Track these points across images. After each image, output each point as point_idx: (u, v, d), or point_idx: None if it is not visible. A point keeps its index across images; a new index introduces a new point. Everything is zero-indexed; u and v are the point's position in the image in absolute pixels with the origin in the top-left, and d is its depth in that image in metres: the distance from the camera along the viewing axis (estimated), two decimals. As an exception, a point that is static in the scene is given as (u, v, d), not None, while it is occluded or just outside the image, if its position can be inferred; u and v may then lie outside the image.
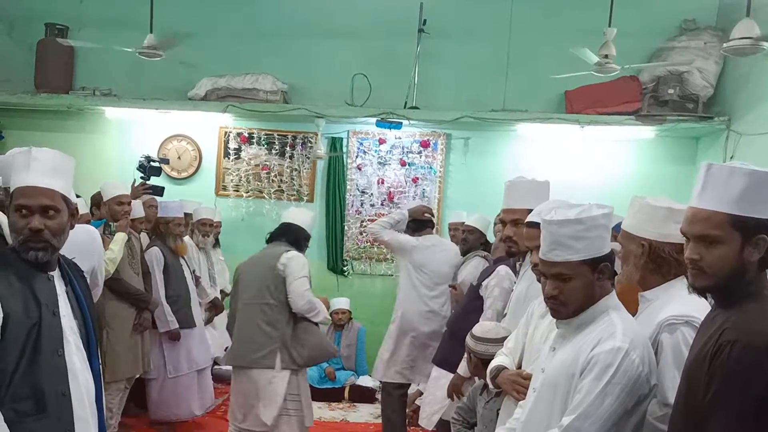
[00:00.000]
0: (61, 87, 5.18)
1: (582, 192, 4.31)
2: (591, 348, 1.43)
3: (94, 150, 5.36)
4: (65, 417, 1.48)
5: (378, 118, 4.88)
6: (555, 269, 1.48)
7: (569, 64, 4.03)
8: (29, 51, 5.19)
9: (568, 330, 1.53)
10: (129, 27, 4.71)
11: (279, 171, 5.37)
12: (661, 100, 4.74)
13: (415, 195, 5.24)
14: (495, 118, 4.87)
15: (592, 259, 1.46)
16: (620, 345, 1.39)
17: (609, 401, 1.38)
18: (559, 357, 1.51)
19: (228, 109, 4.99)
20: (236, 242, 5.12)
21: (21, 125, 5.37)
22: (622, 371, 1.38)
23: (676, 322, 1.51)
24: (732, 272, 1.22)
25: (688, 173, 5.05)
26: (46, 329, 1.46)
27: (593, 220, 1.46)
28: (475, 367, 2.27)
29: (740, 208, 1.20)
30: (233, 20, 5.24)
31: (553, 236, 1.48)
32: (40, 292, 1.48)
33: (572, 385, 1.44)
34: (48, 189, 1.49)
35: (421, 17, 4.91)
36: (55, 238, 1.50)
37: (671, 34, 4.87)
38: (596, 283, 1.48)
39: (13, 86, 5.20)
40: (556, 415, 1.46)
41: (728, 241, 1.21)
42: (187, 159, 5.43)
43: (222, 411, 4.38)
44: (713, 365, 1.16)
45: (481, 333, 2.28)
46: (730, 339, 1.15)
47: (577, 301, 1.48)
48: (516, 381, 1.87)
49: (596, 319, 1.48)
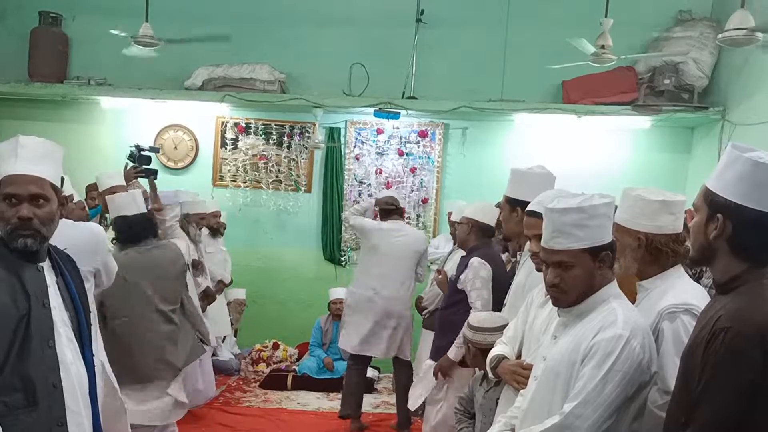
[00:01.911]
0: (55, 76, 5.11)
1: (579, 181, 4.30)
2: (592, 336, 1.44)
3: (89, 140, 5.32)
4: (56, 409, 1.45)
5: (376, 108, 4.87)
6: (556, 257, 1.49)
7: (566, 54, 4.04)
8: (22, 40, 5.11)
9: (570, 318, 1.54)
10: (124, 15, 4.67)
11: (276, 161, 5.35)
12: (657, 90, 4.77)
13: (413, 185, 5.26)
14: (492, 108, 4.88)
15: (593, 247, 1.47)
16: (621, 332, 1.41)
17: (610, 388, 1.39)
18: (561, 345, 1.52)
19: (225, 98, 4.95)
20: (234, 232, 5.10)
21: (14, 115, 5.30)
22: (623, 359, 1.39)
23: (676, 311, 1.53)
24: (700, 246, 1.27)
25: (683, 162, 5.12)
26: (35, 321, 1.43)
27: (595, 209, 1.47)
28: (474, 357, 2.27)
29: (712, 183, 1.25)
30: (230, 9, 5.19)
31: (555, 224, 1.49)
32: (29, 284, 1.45)
33: (573, 372, 1.46)
34: (37, 177, 1.46)
35: (418, 7, 4.90)
36: (45, 227, 1.47)
37: (667, 25, 4.89)
38: (597, 272, 1.49)
39: (6, 75, 5.12)
40: (558, 403, 1.47)
41: (701, 212, 1.27)
42: (184, 149, 5.39)
43: (220, 402, 4.39)
44: (707, 352, 1.18)
45: (478, 323, 2.28)
46: (723, 326, 1.16)
47: (578, 289, 1.49)
48: (516, 371, 1.87)
49: (597, 307, 1.49)
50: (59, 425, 1.46)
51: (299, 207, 5.39)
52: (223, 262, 4.84)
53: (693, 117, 4.78)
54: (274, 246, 5.37)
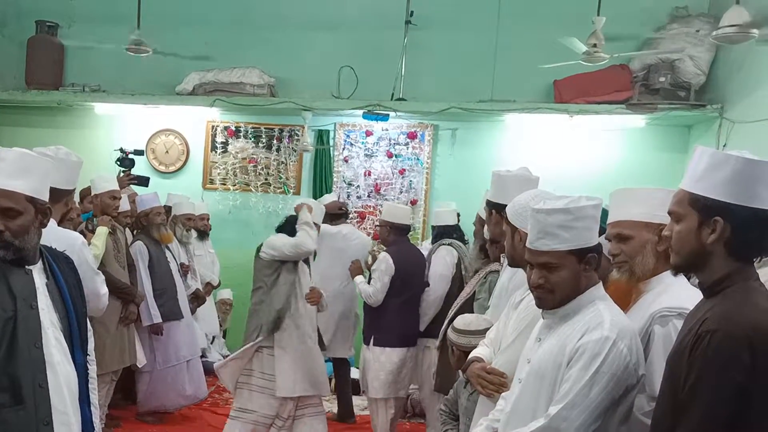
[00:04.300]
0: (51, 83, 5.24)
1: (571, 182, 4.28)
2: (578, 337, 1.42)
3: (83, 145, 5.36)
4: (42, 408, 1.49)
5: (365, 110, 4.86)
6: (542, 258, 1.48)
7: (558, 53, 3.99)
8: (20, 48, 5.26)
9: (554, 320, 1.52)
10: (119, 23, 4.75)
11: (266, 164, 5.39)
12: (652, 88, 4.65)
13: (402, 186, 5.24)
14: (483, 108, 4.82)
15: (579, 249, 1.46)
16: (608, 334, 1.39)
17: (596, 390, 1.37)
18: (546, 347, 1.51)
19: (215, 103, 5.01)
20: (223, 235, 5.16)
21: (11, 122, 5.44)
22: (609, 360, 1.37)
23: (668, 314, 1.50)
24: (692, 252, 1.23)
25: (680, 161, 4.97)
26: (22, 322, 1.47)
27: (581, 210, 1.46)
28: (458, 359, 2.22)
29: (697, 187, 1.22)
30: (221, 14, 5.25)
31: (541, 225, 1.48)
32: (16, 286, 1.49)
33: (559, 374, 1.44)
34: (9, 191, 1.49)
35: (408, 8, 4.87)
36: (18, 239, 1.50)
37: (662, 22, 4.77)
38: (583, 274, 1.48)
39: (3, 83, 5.27)
40: (543, 405, 1.46)
41: (688, 218, 1.24)
42: (175, 153, 5.47)
43: (208, 403, 4.41)
44: (693, 354, 1.16)
45: (463, 326, 2.24)
46: (709, 329, 1.15)
47: (563, 290, 1.48)
48: (481, 375, 1.84)
49: (582, 309, 1.48)
50: (45, 424, 1.49)
51: (288, 209, 5.37)
52: (211, 264, 4.89)
53: (690, 115, 4.65)
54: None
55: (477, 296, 2.73)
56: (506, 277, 2.22)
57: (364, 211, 5.27)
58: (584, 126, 4.93)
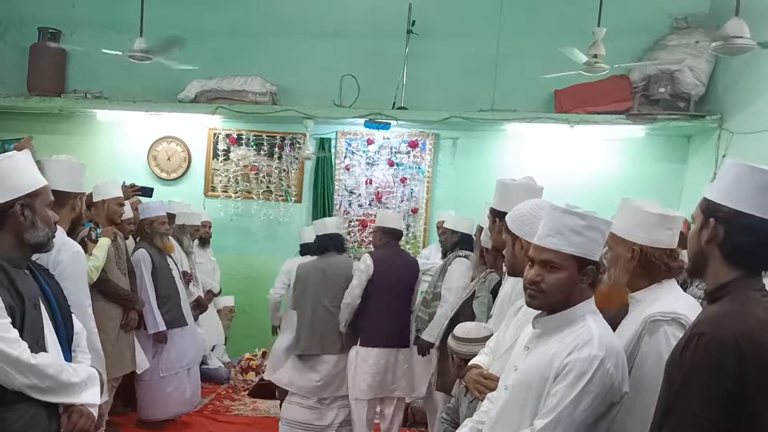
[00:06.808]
0: (53, 90, 5.25)
1: (571, 191, 4.29)
2: (567, 353, 1.43)
3: (85, 152, 5.38)
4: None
5: (366, 118, 4.88)
6: (545, 255, 1.49)
7: (558, 63, 4.00)
8: (22, 54, 5.27)
9: (544, 330, 1.53)
10: (120, 30, 4.76)
11: (267, 172, 5.40)
12: (652, 98, 4.68)
13: (403, 195, 5.25)
14: (484, 117, 4.84)
15: (582, 257, 1.47)
16: (596, 353, 1.40)
17: (582, 408, 1.39)
18: (533, 357, 1.52)
19: (217, 110, 5.02)
20: (224, 242, 5.16)
21: (13, 128, 5.42)
22: (596, 379, 1.39)
23: (661, 319, 1.52)
24: (693, 253, 1.27)
25: (679, 171, 5.00)
26: (28, 322, 1.53)
27: (595, 221, 1.48)
28: (458, 368, 2.24)
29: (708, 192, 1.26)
30: (223, 22, 5.27)
31: (555, 223, 1.49)
32: (23, 288, 1.54)
33: (546, 388, 1.45)
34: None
35: (410, 18, 4.90)
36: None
37: (662, 33, 4.81)
38: (578, 284, 1.48)
39: (6, 89, 5.28)
40: (528, 416, 1.47)
41: (697, 221, 1.28)
42: (177, 160, 5.48)
43: (209, 410, 4.41)
44: (683, 357, 1.17)
45: (463, 334, 2.26)
46: (698, 331, 1.16)
47: (555, 294, 1.48)
48: (478, 381, 1.86)
49: (573, 322, 1.48)
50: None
51: (290, 217, 5.42)
52: (212, 271, 4.89)
53: (689, 125, 4.68)
54: (264, 255, 5.39)
55: (477, 294, 2.78)
56: (509, 287, 2.21)
57: (365, 219, 5.28)
58: (584, 136, 4.95)
